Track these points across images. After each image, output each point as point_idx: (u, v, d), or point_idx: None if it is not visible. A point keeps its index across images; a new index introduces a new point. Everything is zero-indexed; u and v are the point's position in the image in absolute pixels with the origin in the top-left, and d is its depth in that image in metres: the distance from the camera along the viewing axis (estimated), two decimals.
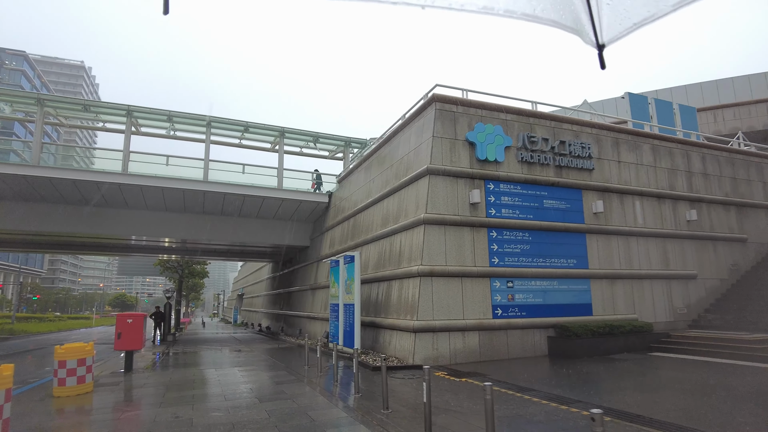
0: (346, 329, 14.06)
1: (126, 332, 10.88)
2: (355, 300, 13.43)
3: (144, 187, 19.42)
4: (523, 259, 13.61)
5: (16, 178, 17.78)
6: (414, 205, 13.22)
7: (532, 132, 14.66)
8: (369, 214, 16.85)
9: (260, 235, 24.02)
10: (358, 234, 17.64)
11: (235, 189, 20.66)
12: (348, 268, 14.22)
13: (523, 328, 13.07)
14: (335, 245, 20.33)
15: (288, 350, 17.43)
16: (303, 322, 23.26)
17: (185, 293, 60.44)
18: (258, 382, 9.74)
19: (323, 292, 20.69)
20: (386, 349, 12.98)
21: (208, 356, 15.70)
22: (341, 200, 21.24)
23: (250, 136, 23.47)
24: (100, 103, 19.98)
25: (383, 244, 14.91)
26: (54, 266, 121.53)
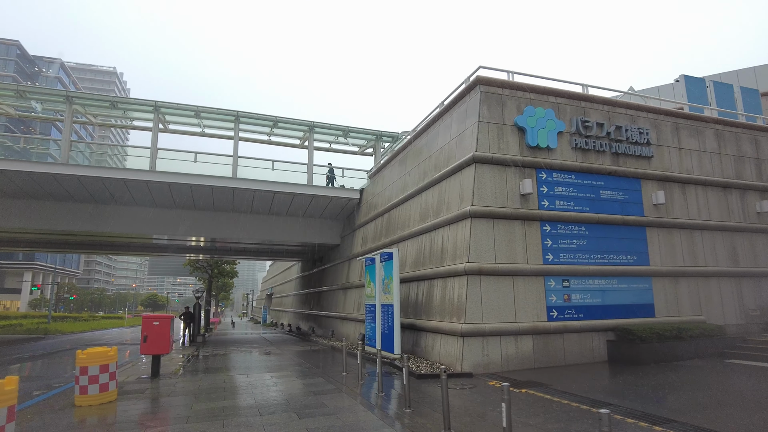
0: (384, 332, 13.09)
1: (152, 335, 10.18)
2: (394, 300, 12.44)
3: (172, 185, 18.92)
4: (580, 255, 12.36)
5: (46, 177, 17.50)
6: (458, 198, 12.13)
7: (586, 116, 13.37)
8: (405, 209, 15.84)
9: (290, 234, 23.32)
10: (393, 230, 16.66)
11: (265, 186, 19.97)
12: (385, 266, 13.24)
13: (580, 331, 11.83)
14: (368, 243, 19.40)
15: (321, 353, 16.58)
16: (335, 323, 22.43)
17: (215, 293, 60.81)
18: (294, 392, 8.85)
19: (355, 292, 19.81)
20: (429, 354, 11.94)
21: (238, 359, 14.99)
22: (373, 196, 20.30)
23: (278, 132, 22.80)
24: (127, 99, 19.62)
25: (422, 240, 13.87)
26: (89, 267, 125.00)
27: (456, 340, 10.81)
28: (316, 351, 17.39)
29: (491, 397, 7.97)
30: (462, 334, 10.54)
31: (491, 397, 8.04)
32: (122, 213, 20.56)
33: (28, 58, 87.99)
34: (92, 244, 27.63)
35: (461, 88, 13.37)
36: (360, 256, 19.80)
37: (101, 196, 19.61)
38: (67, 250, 31.05)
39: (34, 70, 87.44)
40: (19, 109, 21.21)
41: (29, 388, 10.02)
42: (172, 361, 14.02)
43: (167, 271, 47.54)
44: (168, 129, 22.27)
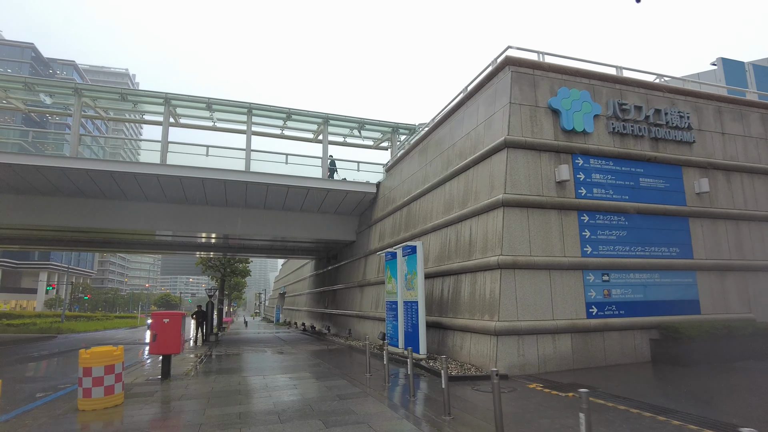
0: (407, 330, 12.28)
1: (162, 333, 9.49)
2: (418, 297, 11.62)
3: (184, 179, 18.31)
4: (620, 247, 11.43)
5: (54, 172, 16.99)
6: (487, 186, 11.27)
7: (623, 99, 12.43)
8: (426, 201, 15.01)
9: (304, 230, 22.62)
10: (413, 224, 15.84)
11: (279, 179, 19.27)
12: (408, 261, 12.43)
13: (621, 329, 10.91)
14: (385, 238, 18.61)
15: (338, 353, 15.82)
16: (351, 322, 21.68)
17: (227, 292, 60.48)
18: (316, 395, 8.08)
19: (372, 290, 19.03)
20: (457, 354, 11.10)
21: (253, 359, 14.29)
22: (390, 190, 19.51)
23: (292, 125, 22.09)
24: (137, 91, 19.08)
25: (447, 233, 13.03)
26: (103, 267, 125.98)
27: (489, 340, 9.96)
28: (334, 350, 16.64)
29: (535, 402, 7.12)
30: (496, 333, 9.69)
31: (535, 401, 7.19)
32: (133, 209, 20.02)
33: (43, 61, 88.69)
34: (104, 242, 27.20)
35: (488, 70, 12.52)
36: (377, 252, 19.02)
37: (112, 192, 19.07)
38: (78, 248, 30.69)
39: (49, 72, 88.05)
40: (28, 103, 20.80)
41: (33, 389, 9.40)
42: (184, 361, 13.36)
43: (180, 270, 47.24)
44: (179, 123, 21.70)
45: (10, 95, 19.32)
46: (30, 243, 26.60)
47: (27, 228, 20.91)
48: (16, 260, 78.01)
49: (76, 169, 17.00)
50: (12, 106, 20.54)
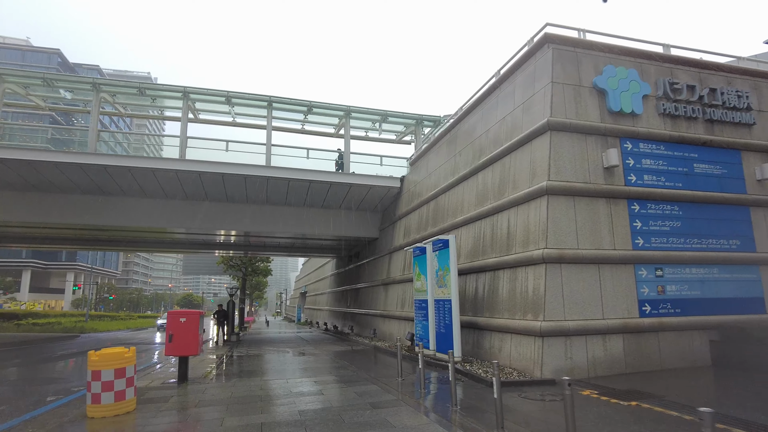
0: (439, 331, 11.43)
1: (178, 334, 8.86)
2: (451, 295, 10.76)
3: (203, 174, 17.81)
4: (674, 239, 10.37)
5: (72, 168, 16.66)
6: (527, 173, 10.35)
7: (674, 77, 11.35)
8: (456, 193, 14.13)
9: (326, 227, 21.94)
10: (441, 218, 14.97)
11: (301, 174, 18.63)
12: (439, 256, 11.58)
13: (678, 329, 9.86)
14: (411, 234, 17.78)
15: (363, 354, 15.06)
16: (375, 322, 20.91)
17: (249, 292, 60.46)
18: (345, 402, 7.31)
19: (398, 288, 18.22)
20: (496, 356, 10.21)
21: (275, 361, 13.63)
22: (415, 184, 18.67)
23: (313, 118, 21.44)
24: (155, 85, 18.68)
25: (481, 226, 12.14)
26: (127, 268, 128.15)
27: (532, 341, 9.05)
28: (358, 352, 15.88)
29: (595, 413, 6.20)
30: (541, 334, 8.77)
31: (594, 412, 6.27)
32: (153, 206, 19.64)
33: (69, 66, 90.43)
34: (125, 240, 27.04)
35: (524, 50, 11.58)
36: (401, 248, 18.22)
37: (131, 189, 18.71)
38: (99, 247, 30.78)
39: None
40: (49, 100, 20.63)
41: (46, 391, 8.87)
42: (203, 362, 12.77)
43: (201, 270, 47.27)
44: (198, 118, 21.27)
45: (30, 93, 19.14)
46: (52, 242, 26.60)
47: (47, 226, 20.72)
48: (44, 261, 79.59)
49: (94, 165, 16.64)
50: (32, 104, 20.40)
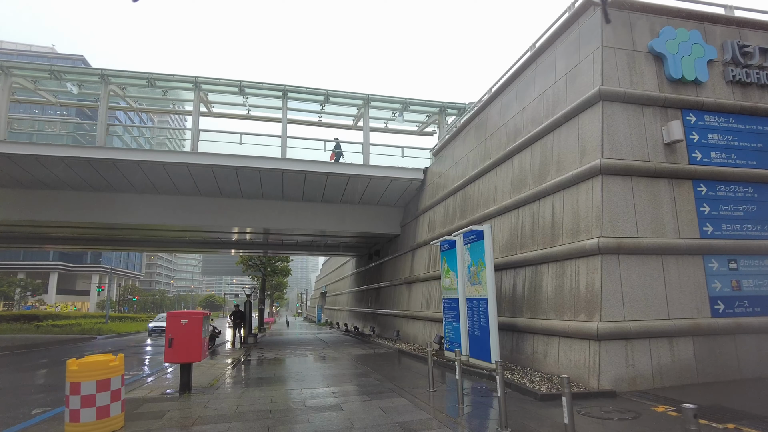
0: (473, 334, 10.16)
1: (179, 337, 7.82)
2: (487, 293, 9.49)
3: (216, 168, 16.89)
4: (748, 226, 8.90)
5: (80, 163, 15.92)
6: (575, 152, 9.02)
7: (744, 40, 9.85)
8: (488, 181, 12.84)
9: (345, 223, 20.87)
10: (470, 209, 13.69)
11: (317, 167, 17.57)
12: (472, 249, 10.31)
13: (759, 331, 8.40)
14: (436, 228, 16.53)
15: (387, 358, 13.89)
16: (398, 323, 19.71)
17: (269, 292, 59.96)
18: (370, 421, 6.14)
19: (422, 287, 16.99)
20: (540, 363, 8.91)
21: (291, 366, 12.56)
22: (439, 175, 17.42)
23: (330, 109, 20.35)
24: (166, 75, 17.85)
25: (519, 216, 10.83)
26: (151, 270, 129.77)
27: (586, 346, 7.73)
28: (381, 355, 14.71)
29: None
30: (598, 337, 7.45)
31: None
32: (165, 203, 18.87)
33: None
34: (139, 240, 26.45)
35: (564, 17, 10.23)
36: (428, 243, 16.98)
37: (142, 185, 17.94)
38: (111, 247, 30.28)
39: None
40: (60, 96, 20.05)
41: (35, 402, 7.94)
42: (214, 367, 11.78)
43: (220, 270, 46.79)
44: (211, 112, 20.43)
45: (40, 87, 18.55)
46: (65, 242, 26.16)
47: (58, 225, 20.11)
48: (70, 264, 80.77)
49: (102, 159, 15.86)
50: (44, 99, 19.85)
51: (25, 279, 67.67)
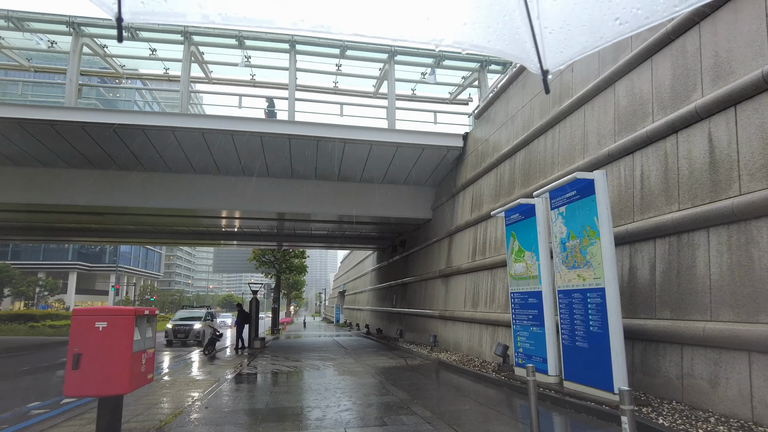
0: (572, 344, 6.56)
1: (92, 352, 4.50)
2: (604, 279, 5.90)
3: (207, 134, 13.67)
4: None
5: (42, 128, 12.87)
6: (745, 49, 5.36)
7: None
8: (567, 128, 9.21)
9: (366, 206, 17.46)
10: (538, 171, 10.09)
11: (332, 131, 14.20)
12: (569, 214, 6.70)
13: None
14: (483, 205, 12.96)
15: (425, 373, 10.41)
16: (432, 325, 16.17)
17: (285, 291, 57.02)
18: None
19: (464, 280, 13.45)
20: (699, 394, 5.29)
21: (294, 387, 9.20)
22: (485, 141, 13.84)
23: (348, 68, 16.92)
24: (149, 26, 14.74)
25: (633, 164, 7.17)
26: (170, 270, 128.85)
27: None
28: (417, 369, 11.21)
29: None
30: None
31: None
32: (154, 182, 15.75)
33: None
34: (138, 231, 23.51)
35: None
36: (467, 228, 13.43)
37: (122, 158, 14.81)
38: (94, 239, 27.56)
39: None
40: (33, 60, 17.09)
41: None
42: (192, 384, 8.45)
43: (232, 267, 44.07)
44: (209, 77, 17.24)
45: (3, 45, 15.60)
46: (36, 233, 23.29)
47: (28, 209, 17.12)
48: (89, 263, 79.54)
49: (68, 122, 12.79)
50: (15, 64, 16.91)
51: (45, 278, 66.46)
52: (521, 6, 1.81)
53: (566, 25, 1.83)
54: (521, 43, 1.89)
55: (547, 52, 1.88)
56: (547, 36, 1.85)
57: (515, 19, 1.85)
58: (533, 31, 1.83)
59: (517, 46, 1.91)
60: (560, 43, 1.85)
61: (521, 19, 1.83)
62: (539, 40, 1.85)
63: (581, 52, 1.85)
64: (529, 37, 1.85)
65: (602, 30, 1.75)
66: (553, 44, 1.86)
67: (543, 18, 1.81)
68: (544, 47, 1.86)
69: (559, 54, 1.88)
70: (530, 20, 1.82)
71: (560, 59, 1.90)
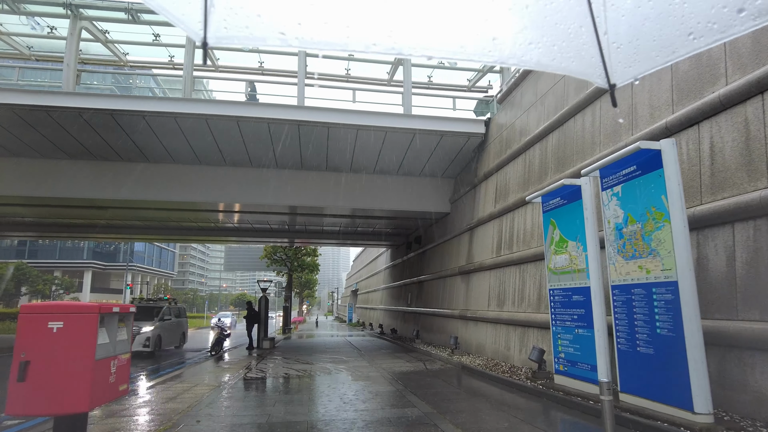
0: (632, 350, 5.46)
1: (42, 359, 3.59)
2: (676, 270, 4.82)
3: (211, 120, 12.79)
4: None
5: (37, 114, 12.12)
6: None
7: None
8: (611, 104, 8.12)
9: (380, 200, 16.50)
10: (574, 155, 8.99)
11: (344, 117, 13.24)
12: (627, 194, 5.62)
13: None
14: (509, 195, 11.88)
15: (447, 380, 9.39)
16: (451, 325, 15.12)
17: (297, 290, 56.35)
18: None
19: (489, 277, 12.38)
20: None
21: (305, 394, 8.26)
22: (509, 126, 12.75)
23: (362, 54, 15.94)
24: (147, 6, 13.93)
25: (700, 134, 6.04)
26: (183, 269, 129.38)
27: None
28: (437, 375, 10.18)
29: None
30: None
31: None
32: (156, 175, 14.96)
33: None
34: (143, 227, 22.84)
35: None
36: (490, 220, 12.36)
37: (124, 149, 14.02)
38: (95, 236, 26.97)
39: None
40: (33, 47, 16.43)
41: None
42: (191, 390, 7.54)
43: (243, 265, 43.68)
44: (217, 66, 16.40)
45: (2, 30, 14.95)
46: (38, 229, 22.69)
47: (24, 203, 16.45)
48: (104, 262, 79.92)
49: (62, 108, 12.02)
50: (15, 52, 16.27)
51: (60, 277, 66.89)
52: (588, 23, 1.80)
53: (635, 41, 1.82)
54: (587, 59, 1.90)
55: (614, 66, 1.87)
56: (615, 51, 1.85)
57: (581, 35, 1.84)
58: (600, 46, 1.84)
59: (583, 62, 1.93)
60: (629, 58, 1.85)
61: (587, 35, 1.82)
62: (606, 56, 1.85)
63: (652, 67, 1.84)
64: (596, 53, 1.85)
65: (674, 45, 1.73)
66: (622, 59, 1.86)
67: (611, 33, 1.81)
68: (611, 62, 1.86)
69: (627, 69, 1.88)
70: (597, 36, 1.81)
71: (629, 74, 1.89)
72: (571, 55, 1.90)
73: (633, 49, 1.82)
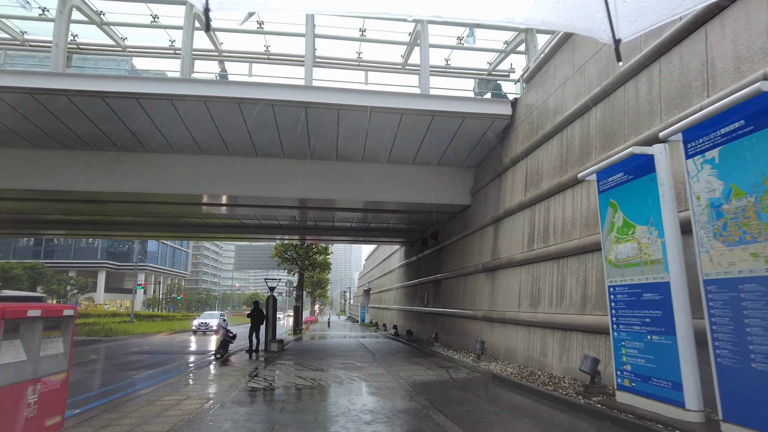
0: (740, 364, 4.13)
1: None
2: None
3: (211, 104, 11.68)
4: None
5: (22, 97, 11.11)
6: None
7: None
8: (677, 62, 6.75)
9: (394, 191, 15.27)
10: (626, 128, 7.64)
11: (355, 98, 12.01)
12: (729, 160, 4.30)
13: None
14: (542, 182, 10.54)
15: (476, 392, 8.12)
16: (474, 328, 13.79)
17: (309, 289, 55.32)
18: None
19: (519, 274, 11.06)
20: None
21: (318, 409, 7.06)
22: (539, 107, 11.39)
23: (374, 34, 14.69)
24: None
25: None
26: (197, 269, 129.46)
27: None
28: (464, 385, 8.89)
29: None
30: None
31: None
32: (156, 166, 13.94)
33: None
34: (148, 224, 21.90)
35: None
36: (520, 210, 11.03)
37: (120, 137, 12.99)
38: (97, 233, 26.02)
39: None
40: (27, 32, 15.50)
41: None
42: (176, 407, 6.39)
43: (254, 264, 42.80)
44: (219, 50, 15.31)
45: None
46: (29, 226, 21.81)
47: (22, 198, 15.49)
48: (117, 262, 79.94)
49: (48, 90, 10.99)
50: (9, 37, 15.37)
51: (75, 277, 67.00)
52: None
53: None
54: (592, 15, 1.86)
55: (620, 21, 1.83)
56: (620, 5, 1.81)
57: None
58: (606, 1, 1.79)
59: (588, 19, 1.89)
60: (635, 12, 1.82)
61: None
62: (612, 11, 1.81)
63: (657, 20, 1.82)
64: (602, 8, 1.82)
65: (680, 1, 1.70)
66: (627, 13, 1.83)
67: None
68: (617, 17, 1.82)
69: (633, 23, 1.84)
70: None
71: (635, 28, 1.86)
72: (576, 12, 1.90)
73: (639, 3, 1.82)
